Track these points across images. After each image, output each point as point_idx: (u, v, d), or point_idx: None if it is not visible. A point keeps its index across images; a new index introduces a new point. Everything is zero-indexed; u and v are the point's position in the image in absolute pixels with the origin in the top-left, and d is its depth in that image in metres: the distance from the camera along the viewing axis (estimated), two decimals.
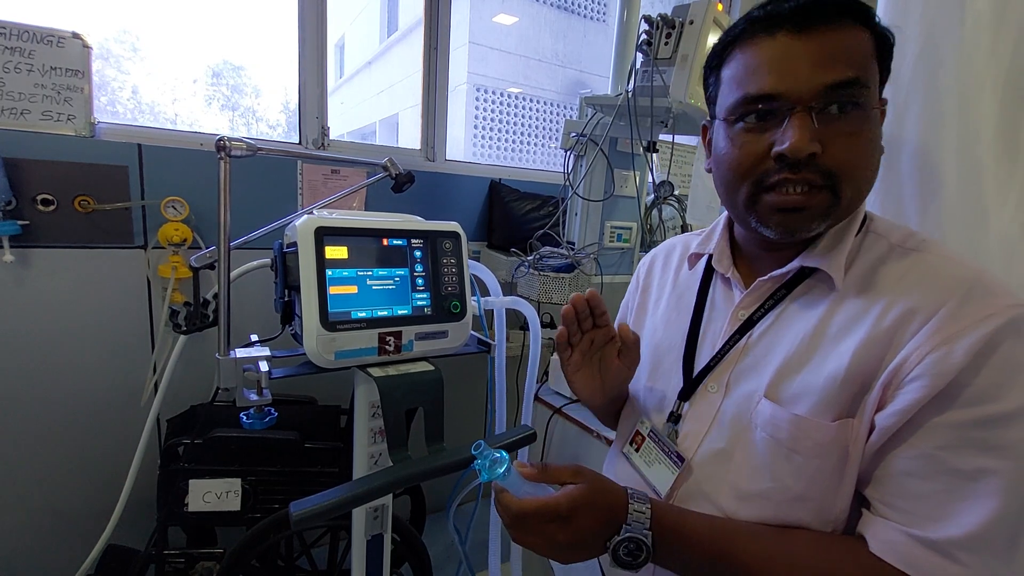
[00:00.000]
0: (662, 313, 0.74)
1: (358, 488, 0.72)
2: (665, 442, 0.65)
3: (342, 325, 0.81)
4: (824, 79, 0.50)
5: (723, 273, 0.66)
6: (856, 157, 0.52)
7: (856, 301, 0.55)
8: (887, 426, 0.50)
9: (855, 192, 0.54)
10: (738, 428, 0.59)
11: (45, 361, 1.31)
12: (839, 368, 0.52)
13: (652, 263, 0.82)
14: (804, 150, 0.50)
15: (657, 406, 0.69)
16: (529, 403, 1.38)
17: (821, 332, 0.55)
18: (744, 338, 0.61)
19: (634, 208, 1.79)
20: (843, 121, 0.51)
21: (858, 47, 0.52)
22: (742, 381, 0.60)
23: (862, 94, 0.51)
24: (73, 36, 1.25)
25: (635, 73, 1.43)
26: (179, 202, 1.36)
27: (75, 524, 1.39)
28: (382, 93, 7.05)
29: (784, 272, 0.60)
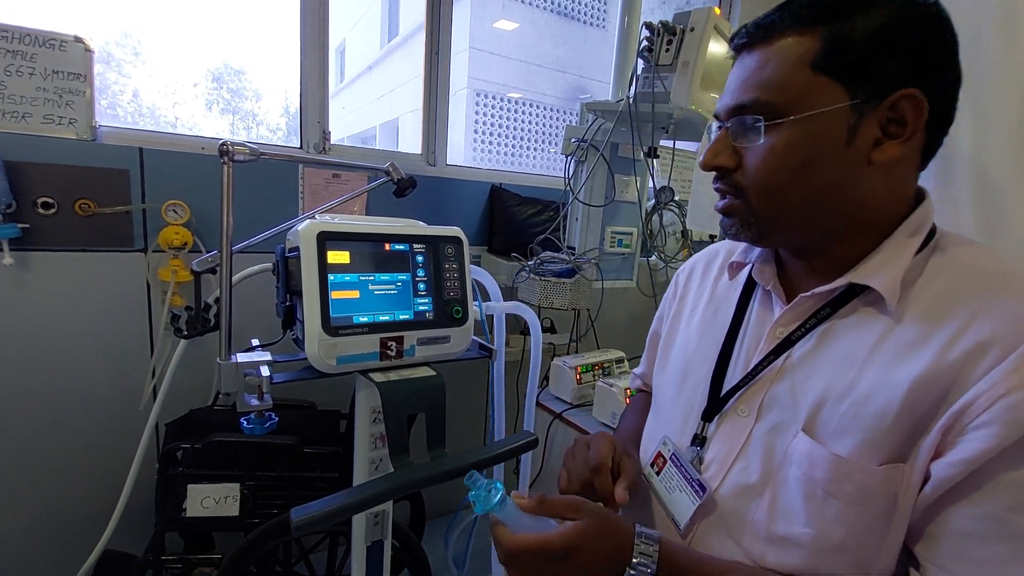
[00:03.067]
0: (696, 324, 0.69)
1: (359, 494, 0.72)
2: (687, 468, 0.60)
3: (344, 330, 0.80)
4: (730, 101, 0.54)
5: (764, 285, 0.62)
6: (759, 175, 0.53)
7: (915, 327, 0.48)
8: (945, 477, 0.44)
9: (771, 204, 0.53)
10: (770, 461, 0.53)
11: (44, 364, 1.31)
12: (890, 403, 0.46)
13: (692, 270, 0.77)
14: (707, 163, 0.56)
15: (681, 424, 0.64)
16: (530, 408, 1.38)
17: (870, 359, 0.49)
18: (781, 359, 0.56)
19: (635, 213, 1.80)
20: (747, 138, 0.53)
21: (777, 65, 0.50)
22: (776, 407, 0.54)
23: (760, 115, 0.51)
24: (75, 40, 1.25)
25: (636, 79, 1.43)
26: (180, 206, 1.36)
27: (73, 529, 1.38)
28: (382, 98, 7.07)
29: (830, 289, 0.54)
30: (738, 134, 0.53)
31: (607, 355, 1.61)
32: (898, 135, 0.49)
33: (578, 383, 1.51)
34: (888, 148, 0.49)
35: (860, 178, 0.51)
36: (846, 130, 0.49)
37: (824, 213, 0.53)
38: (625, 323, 2.23)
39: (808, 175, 0.51)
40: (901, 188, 0.53)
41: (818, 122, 0.49)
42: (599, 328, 1.88)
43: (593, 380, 1.50)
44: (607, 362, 1.59)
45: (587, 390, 1.51)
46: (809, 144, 0.50)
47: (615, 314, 2.14)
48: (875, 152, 0.50)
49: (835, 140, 0.49)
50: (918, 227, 0.53)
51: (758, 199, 0.54)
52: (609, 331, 1.99)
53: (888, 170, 0.51)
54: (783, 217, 0.54)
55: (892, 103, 0.48)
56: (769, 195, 0.53)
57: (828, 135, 0.49)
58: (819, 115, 0.49)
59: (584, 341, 1.88)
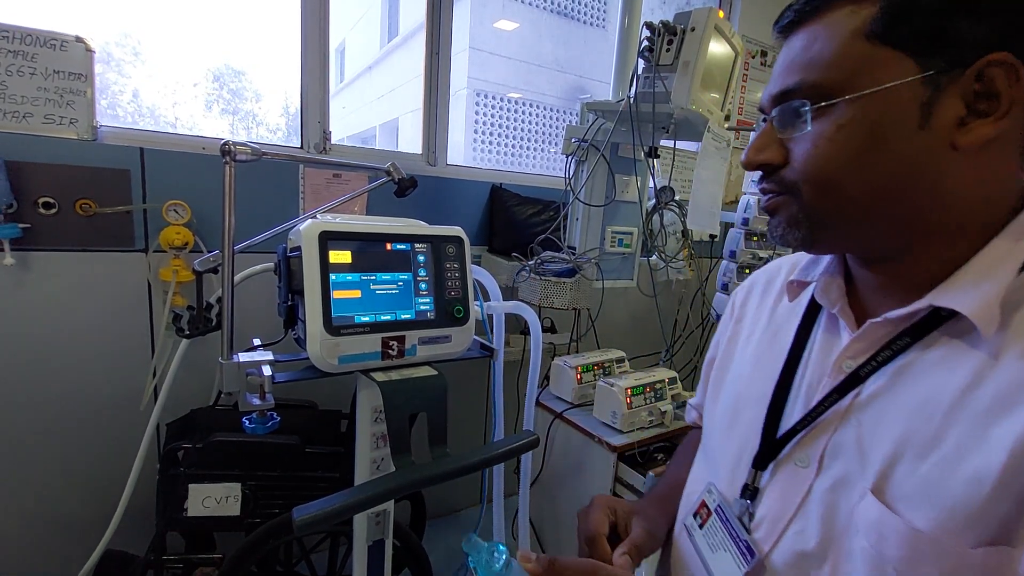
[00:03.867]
0: (752, 352, 0.60)
1: (361, 493, 0.72)
2: (734, 526, 0.52)
3: (346, 330, 0.81)
4: (774, 89, 0.47)
5: (829, 308, 0.52)
6: (807, 163, 0.45)
7: (1022, 367, 0.38)
8: None
9: (826, 199, 0.45)
10: (832, 526, 0.45)
11: (45, 364, 1.31)
12: (988, 466, 0.37)
13: (751, 288, 0.67)
14: (749, 161, 0.49)
15: (730, 471, 0.55)
16: (531, 408, 1.38)
17: (960, 407, 0.40)
18: (848, 397, 0.47)
19: (635, 213, 1.80)
20: (794, 128, 0.46)
21: (826, 40, 0.43)
22: (841, 457, 0.46)
23: (807, 98, 0.44)
24: (76, 40, 1.25)
25: (637, 79, 1.44)
26: (181, 206, 1.36)
27: (74, 529, 1.38)
28: (382, 98, 7.08)
29: (907, 313, 0.44)
30: (784, 124, 0.46)
31: (607, 355, 1.62)
32: (989, 112, 0.40)
33: (578, 383, 1.52)
34: (976, 128, 0.40)
35: (942, 166, 0.41)
36: (918, 108, 0.41)
37: (896, 209, 0.43)
38: (625, 323, 2.23)
39: (868, 163, 0.43)
40: (1001, 180, 0.43)
41: (879, 101, 0.41)
42: (599, 328, 1.88)
43: (593, 380, 1.50)
44: (607, 362, 1.59)
45: (587, 390, 1.51)
46: (869, 128, 0.42)
47: (615, 314, 2.14)
48: (960, 134, 0.40)
49: (904, 121, 0.41)
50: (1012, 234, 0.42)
51: (810, 194, 0.46)
52: (609, 331, 1.99)
53: (980, 156, 0.41)
54: (841, 214, 0.46)
55: (977, 72, 0.39)
56: (823, 188, 0.45)
57: (894, 116, 0.41)
58: (879, 93, 0.41)
59: (584, 341, 1.89)
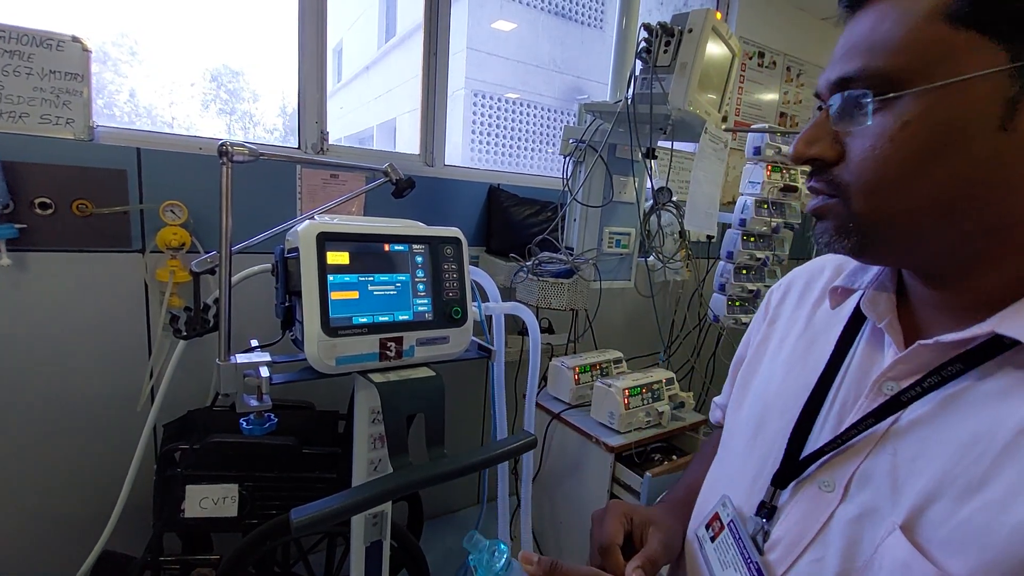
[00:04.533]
0: (784, 358, 0.55)
1: (360, 494, 0.72)
2: (746, 545, 0.48)
3: (343, 331, 0.81)
4: (833, 74, 0.41)
5: (876, 322, 0.47)
6: (864, 163, 0.40)
7: None
8: None
9: (879, 204, 0.40)
10: (853, 558, 0.41)
11: (41, 365, 1.30)
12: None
13: (789, 288, 0.62)
14: (798, 153, 0.43)
15: (749, 485, 0.51)
16: (530, 408, 1.38)
17: (1017, 446, 0.35)
18: (886, 423, 0.42)
19: (633, 214, 1.80)
20: (853, 120, 0.40)
21: (897, 20, 0.37)
22: (870, 487, 0.41)
23: (869, 87, 0.38)
24: (73, 40, 1.25)
25: (634, 80, 1.44)
26: (178, 206, 1.36)
27: (71, 530, 1.38)
28: (380, 98, 7.07)
29: (965, 338, 0.39)
30: (841, 115, 0.40)
31: (605, 355, 1.62)
32: None
33: (576, 383, 1.52)
34: None
35: (1022, 175, 0.36)
36: (1002, 105, 0.35)
37: (961, 221, 0.38)
38: (623, 323, 2.24)
39: (937, 168, 0.37)
40: None
41: (956, 95, 0.35)
42: (597, 328, 1.89)
43: (591, 380, 1.50)
44: (605, 362, 1.59)
45: (585, 390, 1.51)
46: (942, 126, 0.36)
47: (613, 314, 2.14)
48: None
49: (984, 120, 0.35)
50: None
51: (863, 200, 0.40)
52: (607, 331, 1.99)
53: None
54: (896, 224, 0.40)
55: None
56: (879, 195, 0.39)
57: (972, 113, 0.35)
58: (959, 85, 0.35)
59: (582, 341, 1.89)
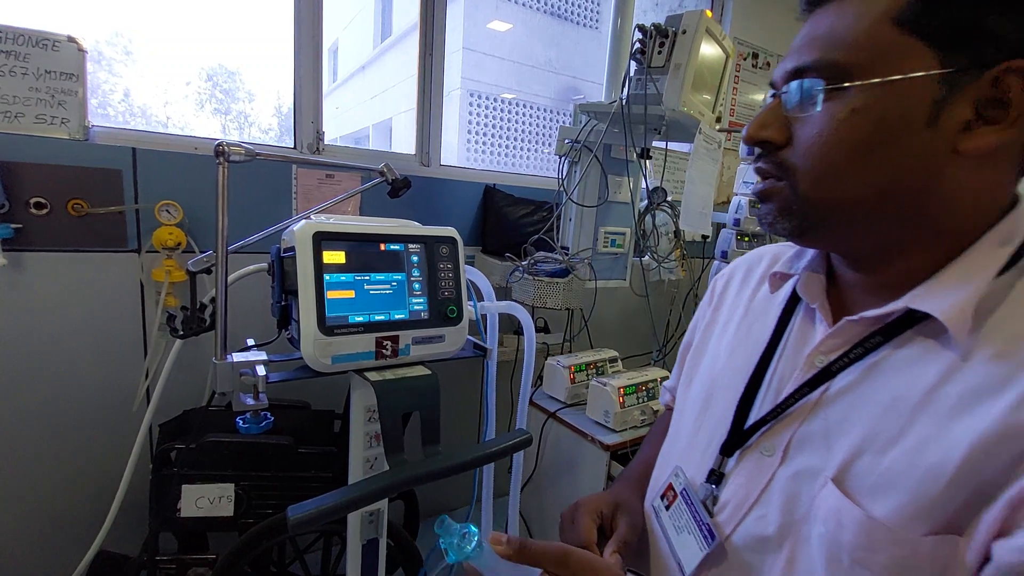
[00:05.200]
0: (728, 340, 0.60)
1: (356, 492, 0.72)
2: (697, 508, 0.53)
3: (339, 329, 0.81)
4: (789, 64, 0.45)
5: (809, 302, 0.52)
6: (811, 151, 0.44)
7: (988, 367, 0.39)
8: (1011, 563, 0.35)
9: (824, 192, 0.44)
10: (792, 512, 0.46)
11: (37, 365, 1.30)
12: (946, 461, 0.38)
13: (731, 276, 0.68)
14: (750, 135, 0.48)
15: (699, 456, 0.56)
16: (524, 407, 1.39)
17: (927, 403, 0.40)
18: (818, 392, 0.47)
19: (628, 214, 1.81)
20: (802, 107, 0.44)
21: (851, 19, 0.42)
22: (806, 449, 0.46)
23: (822, 77, 0.43)
24: (68, 40, 1.25)
25: (629, 81, 1.45)
26: (173, 206, 1.36)
27: (67, 530, 1.37)
28: (375, 98, 7.07)
29: (883, 313, 0.45)
30: (793, 101, 0.44)
31: (600, 355, 1.63)
32: (996, 120, 0.39)
33: (572, 382, 1.53)
34: (981, 135, 0.39)
35: (940, 170, 0.41)
36: (930, 105, 0.39)
37: (889, 210, 0.43)
38: (618, 323, 2.25)
39: (874, 157, 0.42)
40: (992, 190, 0.42)
41: (894, 92, 0.40)
42: (592, 328, 1.90)
43: (587, 379, 1.51)
44: (600, 361, 1.60)
45: (580, 389, 1.52)
46: (879, 117, 0.41)
47: (608, 314, 2.15)
48: (963, 138, 0.40)
49: (914, 117, 0.40)
50: (1007, 237, 0.42)
51: (807, 181, 0.45)
52: (602, 331, 2.00)
53: (978, 164, 0.41)
54: (836, 208, 0.45)
55: (995, 77, 0.38)
56: (822, 177, 0.44)
57: (906, 110, 0.40)
58: (897, 84, 0.39)
59: (578, 341, 1.90)
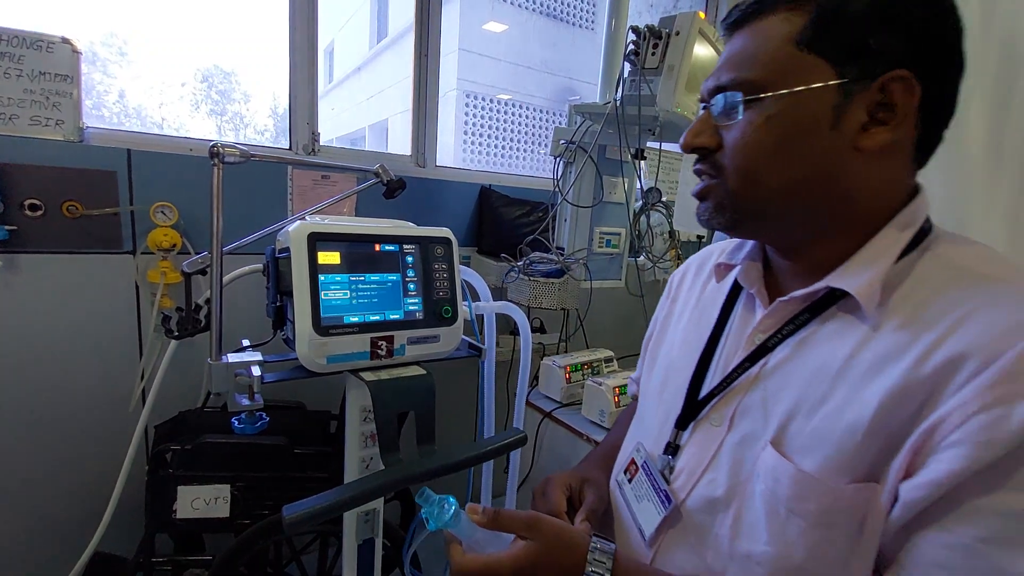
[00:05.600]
0: (682, 328, 0.67)
1: (351, 491, 0.73)
2: (656, 478, 0.59)
3: (335, 330, 0.81)
4: (713, 82, 0.53)
5: (748, 288, 0.59)
6: (737, 152, 0.51)
7: (894, 336, 0.45)
8: (913, 499, 0.41)
9: (750, 187, 0.51)
10: (738, 474, 0.51)
11: (32, 367, 1.30)
12: (860, 419, 0.43)
13: (685, 272, 0.75)
14: (686, 143, 0.54)
15: (657, 432, 0.62)
16: (520, 407, 1.39)
17: (846, 370, 0.46)
18: (757, 366, 0.53)
19: (623, 214, 1.82)
20: (727, 117, 0.51)
21: (761, 42, 0.49)
22: (748, 417, 0.52)
23: (740, 93, 0.49)
24: (63, 41, 1.25)
25: (623, 82, 1.46)
26: (168, 207, 1.36)
27: (62, 532, 1.37)
28: (371, 99, 7.06)
29: (809, 292, 0.51)
30: (719, 113, 0.52)
31: (596, 354, 1.63)
32: (887, 121, 0.46)
33: (567, 382, 1.53)
34: (875, 134, 0.46)
35: (846, 165, 0.48)
36: (831, 111, 0.47)
37: (805, 201, 0.50)
38: (614, 323, 2.25)
39: (788, 156, 0.49)
40: (892, 182, 0.50)
41: (801, 101, 0.47)
42: (588, 328, 1.90)
43: (582, 379, 1.51)
44: (596, 361, 1.61)
45: (576, 389, 1.53)
46: (791, 122, 0.48)
47: (604, 314, 2.16)
48: (861, 137, 0.47)
49: (819, 121, 0.47)
50: (908, 223, 0.49)
51: (736, 179, 0.52)
52: (598, 331, 2.01)
53: (877, 159, 0.48)
54: (761, 202, 0.52)
55: (882, 85, 0.45)
56: (747, 175, 0.51)
57: (811, 115, 0.47)
58: (802, 93, 0.47)
59: (573, 341, 1.90)
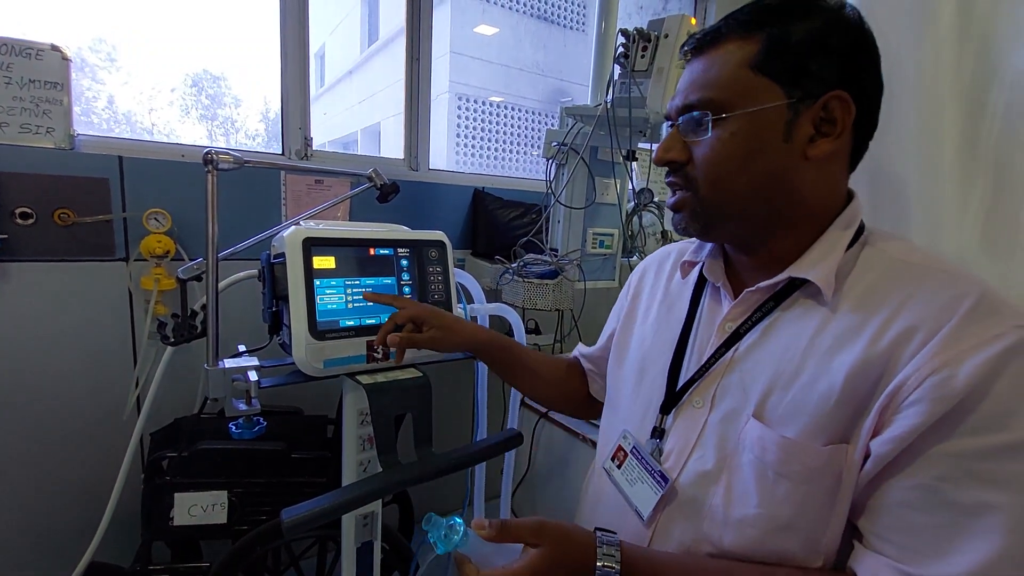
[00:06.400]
0: (652, 322, 0.73)
1: (349, 493, 0.73)
2: (648, 460, 0.63)
3: (330, 334, 0.82)
4: (680, 102, 0.59)
5: (714, 282, 0.65)
6: (707, 165, 0.57)
7: (850, 316, 0.52)
8: (883, 453, 0.48)
9: (719, 194, 0.57)
10: (724, 448, 0.57)
11: (26, 375, 1.29)
12: (832, 387, 0.50)
13: (645, 271, 0.81)
14: (660, 157, 0.61)
15: (640, 419, 0.67)
16: (515, 408, 1.40)
17: (812, 347, 0.53)
18: (731, 351, 0.59)
19: (615, 215, 1.83)
20: (696, 133, 0.57)
21: (721, 66, 0.55)
22: (728, 397, 0.58)
23: (706, 111, 0.55)
24: (52, 48, 1.24)
25: (613, 84, 1.47)
26: (161, 214, 1.36)
27: (58, 541, 1.36)
28: (363, 102, 7.05)
29: (773, 283, 0.58)
30: (688, 130, 0.58)
31: None
32: (829, 133, 0.54)
33: None
34: (821, 144, 0.54)
35: (798, 171, 0.55)
36: (783, 126, 0.54)
37: (767, 204, 0.57)
38: None
39: (751, 166, 0.55)
40: (834, 184, 0.58)
41: (758, 118, 0.54)
42: (583, 328, 1.91)
43: None
44: None
45: None
46: (751, 137, 0.55)
47: (598, 314, 2.16)
48: (810, 148, 0.54)
49: (774, 135, 0.54)
50: (849, 222, 0.57)
51: (706, 188, 0.58)
52: (593, 331, 2.00)
53: (822, 166, 0.55)
54: (729, 207, 0.58)
55: (824, 103, 0.53)
56: (717, 183, 0.57)
57: (768, 130, 0.54)
58: (759, 111, 0.54)
59: (568, 341, 1.91)
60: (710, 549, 0.57)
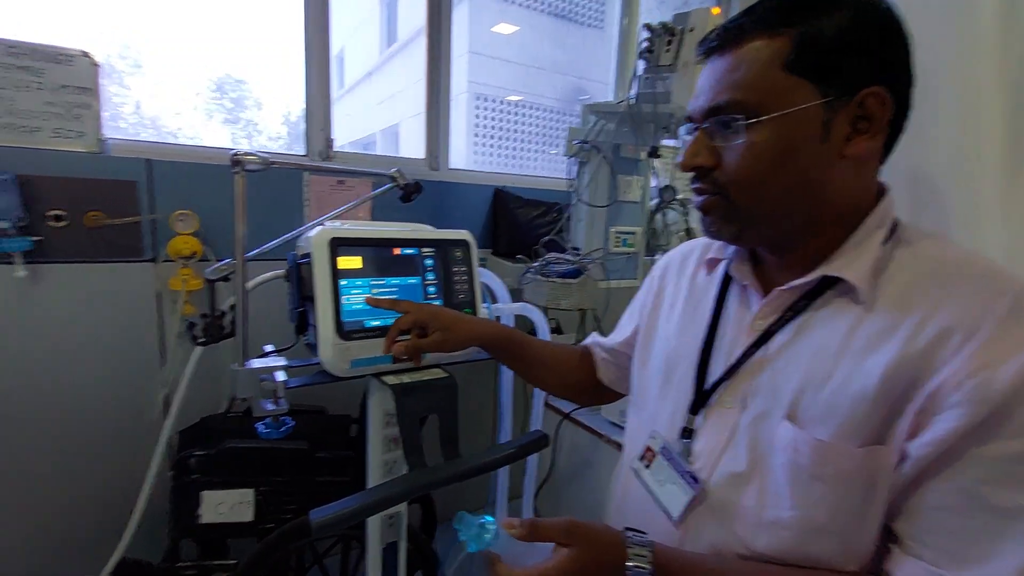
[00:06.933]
0: (676, 320, 0.71)
1: (378, 495, 0.73)
2: (677, 460, 0.62)
3: (357, 334, 0.82)
4: (705, 103, 0.55)
5: (742, 281, 0.63)
6: (738, 168, 0.54)
7: (885, 315, 0.51)
8: (921, 456, 0.47)
9: (753, 199, 0.55)
10: (756, 449, 0.56)
11: (57, 375, 1.32)
12: (866, 389, 0.49)
13: (668, 266, 0.79)
14: (687, 164, 0.58)
15: (669, 419, 0.66)
16: (538, 409, 1.39)
17: (846, 347, 0.52)
18: (761, 351, 0.58)
19: (638, 213, 1.81)
20: (725, 138, 0.55)
21: (749, 66, 0.52)
22: (759, 397, 0.57)
23: (738, 114, 0.53)
24: (82, 54, 1.27)
25: (637, 80, 1.45)
26: (188, 215, 1.37)
27: (89, 539, 1.39)
28: (382, 103, 7.11)
29: (805, 282, 0.56)
30: (716, 134, 0.55)
31: None
32: (866, 131, 0.52)
33: None
34: (858, 143, 0.52)
35: (834, 172, 0.53)
36: (820, 126, 0.52)
37: (802, 205, 0.55)
38: None
39: (787, 169, 0.53)
40: (868, 182, 0.56)
41: (793, 119, 0.52)
42: (606, 328, 1.88)
43: None
44: None
45: None
46: (787, 140, 0.52)
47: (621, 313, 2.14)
48: (847, 147, 0.52)
49: (811, 136, 0.52)
50: (883, 219, 0.55)
51: (739, 194, 0.55)
52: None
53: (858, 164, 0.54)
54: (763, 211, 0.56)
55: (860, 100, 0.51)
56: (750, 189, 0.55)
57: (804, 131, 0.52)
58: (794, 113, 0.51)
59: None
60: (742, 551, 0.56)
